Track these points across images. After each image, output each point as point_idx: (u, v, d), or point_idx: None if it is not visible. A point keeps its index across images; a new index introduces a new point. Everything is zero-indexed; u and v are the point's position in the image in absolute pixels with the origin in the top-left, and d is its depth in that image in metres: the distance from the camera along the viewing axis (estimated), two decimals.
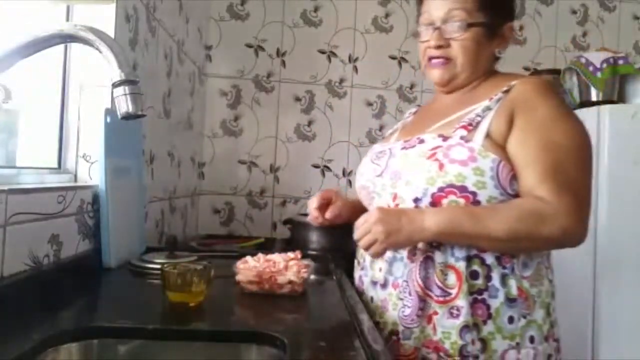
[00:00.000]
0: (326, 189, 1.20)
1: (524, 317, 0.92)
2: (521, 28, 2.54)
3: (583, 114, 1.91)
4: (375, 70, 2.44)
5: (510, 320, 0.91)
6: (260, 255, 1.04)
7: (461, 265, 0.91)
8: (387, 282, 0.97)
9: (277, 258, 1.00)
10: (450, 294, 0.90)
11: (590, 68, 2.05)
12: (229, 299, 0.95)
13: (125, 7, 1.28)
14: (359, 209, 1.10)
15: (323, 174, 2.42)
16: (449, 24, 1.00)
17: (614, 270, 1.77)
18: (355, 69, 2.45)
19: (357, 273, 1.10)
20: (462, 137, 0.93)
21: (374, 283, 1.00)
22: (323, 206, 1.16)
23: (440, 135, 0.95)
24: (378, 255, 0.94)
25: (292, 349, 0.68)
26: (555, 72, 2.30)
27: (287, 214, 2.28)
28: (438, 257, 0.92)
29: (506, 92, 0.97)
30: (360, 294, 1.03)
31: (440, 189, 0.91)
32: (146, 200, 1.45)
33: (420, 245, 0.93)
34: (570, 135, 0.93)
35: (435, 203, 0.92)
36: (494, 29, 1.03)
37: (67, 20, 1.19)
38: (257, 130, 2.40)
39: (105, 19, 1.20)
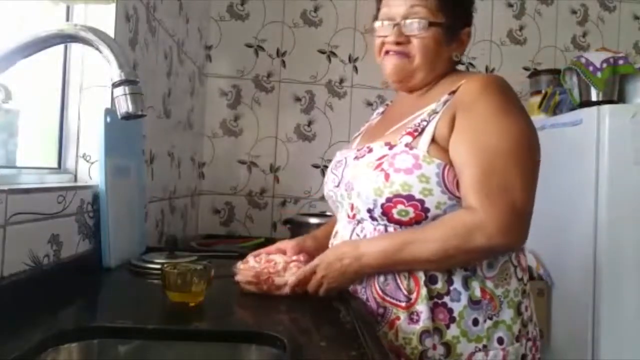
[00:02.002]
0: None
1: (490, 318, 0.91)
2: (521, 28, 2.54)
3: (583, 114, 1.91)
4: (375, 70, 2.41)
5: (475, 322, 0.90)
6: (262, 255, 1.03)
7: (419, 270, 0.91)
8: (347, 289, 0.98)
9: (278, 259, 1.00)
10: (410, 299, 0.90)
11: (590, 68, 2.05)
12: (229, 299, 0.95)
13: (125, 7, 1.28)
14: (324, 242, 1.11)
15: (323, 174, 2.42)
16: (410, 20, 0.98)
17: (614, 270, 1.77)
18: (355, 69, 2.45)
19: None
20: (407, 145, 0.92)
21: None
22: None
23: (387, 144, 0.95)
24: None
25: (292, 349, 0.68)
26: (555, 72, 2.30)
27: (287, 214, 2.28)
28: None
29: (453, 92, 0.96)
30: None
31: (388, 200, 0.90)
32: (146, 200, 1.45)
33: None
34: (505, 136, 0.89)
35: (385, 213, 0.92)
36: (453, 31, 1.01)
37: (67, 20, 1.19)
38: (257, 130, 2.40)
39: (105, 19, 1.20)
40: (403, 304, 0.90)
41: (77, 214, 1.05)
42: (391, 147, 0.94)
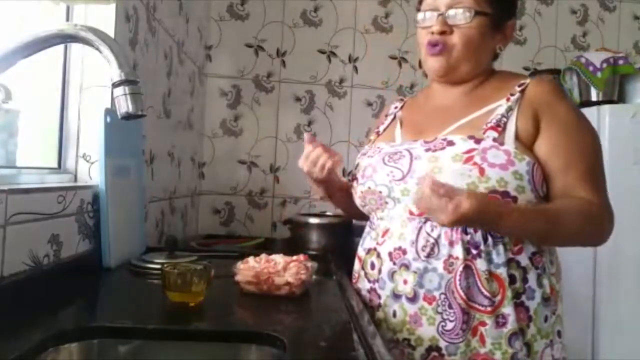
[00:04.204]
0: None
1: (554, 313, 0.93)
2: (521, 28, 2.54)
3: None
4: (375, 70, 2.44)
5: (546, 319, 0.91)
6: (263, 255, 1.03)
7: (502, 271, 0.88)
8: (417, 295, 0.91)
9: (279, 259, 1.00)
10: (494, 302, 0.87)
11: (590, 68, 2.05)
12: (229, 299, 0.95)
13: (125, 7, 1.28)
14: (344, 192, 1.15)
15: None
16: (454, 10, 0.97)
17: (614, 270, 1.77)
18: (355, 69, 2.45)
19: (364, 284, 1.02)
20: (495, 140, 0.90)
21: (397, 296, 0.94)
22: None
23: (470, 137, 0.91)
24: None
25: (292, 349, 0.68)
26: (555, 72, 2.30)
27: (287, 214, 2.28)
28: (480, 265, 0.88)
29: (522, 91, 0.96)
30: (374, 308, 0.97)
31: None
32: (146, 200, 1.45)
33: (458, 254, 0.89)
34: (591, 137, 0.96)
35: None
36: (498, 23, 1.00)
37: (67, 20, 1.19)
38: (257, 130, 2.40)
39: (105, 19, 1.20)
40: (489, 308, 0.87)
41: (77, 214, 1.05)
42: (477, 140, 0.90)
